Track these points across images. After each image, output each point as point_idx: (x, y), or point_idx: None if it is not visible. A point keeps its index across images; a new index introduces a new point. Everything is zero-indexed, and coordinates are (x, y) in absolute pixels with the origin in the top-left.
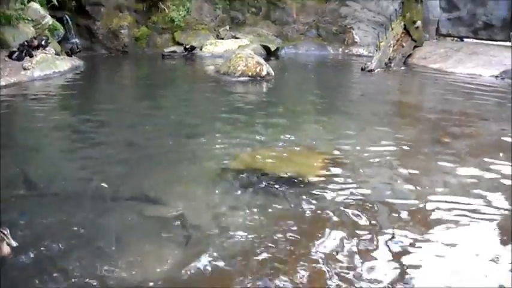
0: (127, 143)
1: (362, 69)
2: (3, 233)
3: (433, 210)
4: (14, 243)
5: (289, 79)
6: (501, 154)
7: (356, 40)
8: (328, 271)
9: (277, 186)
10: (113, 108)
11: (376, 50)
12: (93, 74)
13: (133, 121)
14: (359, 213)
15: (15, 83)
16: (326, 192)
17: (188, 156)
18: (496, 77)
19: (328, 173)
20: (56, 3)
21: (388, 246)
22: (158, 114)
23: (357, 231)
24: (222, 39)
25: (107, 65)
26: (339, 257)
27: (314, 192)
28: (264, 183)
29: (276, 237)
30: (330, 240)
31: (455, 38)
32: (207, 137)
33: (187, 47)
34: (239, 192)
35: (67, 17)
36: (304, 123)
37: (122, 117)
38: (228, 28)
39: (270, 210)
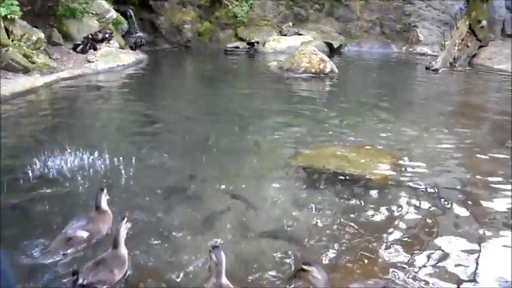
0: (189, 135)
1: (426, 68)
2: None
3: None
4: None
5: (352, 77)
6: None
7: (420, 38)
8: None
9: (342, 183)
10: (175, 101)
11: (441, 49)
12: (157, 68)
13: (196, 113)
14: (423, 212)
15: (79, 75)
16: (390, 191)
17: (254, 150)
18: None
19: (392, 172)
20: None
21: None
22: (220, 107)
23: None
24: (285, 35)
25: (170, 59)
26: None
27: (378, 190)
28: (329, 180)
29: (345, 233)
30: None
31: None
32: (271, 131)
33: (252, 42)
34: (305, 188)
35: (131, 12)
36: (368, 121)
37: (183, 109)
38: (291, 24)
39: (336, 207)
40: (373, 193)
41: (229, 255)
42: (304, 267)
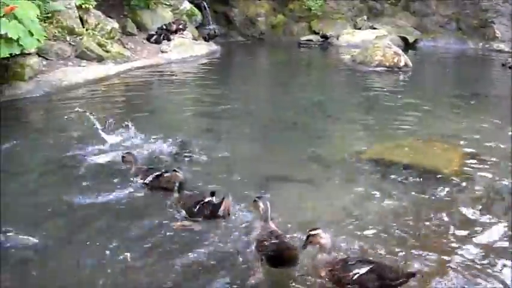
0: (262, 122)
1: (502, 65)
2: None
3: None
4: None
5: (427, 72)
6: None
7: (497, 35)
8: None
9: (413, 178)
10: (248, 92)
11: None
12: (230, 59)
13: (268, 102)
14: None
15: (152, 64)
16: (462, 185)
17: (325, 140)
18: None
19: (465, 168)
20: None
21: None
22: (293, 97)
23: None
24: (359, 29)
25: (243, 51)
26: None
27: (451, 185)
28: (400, 174)
29: (415, 227)
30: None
31: None
32: (342, 123)
33: (325, 35)
34: (375, 180)
35: (205, 4)
36: (441, 117)
37: (256, 99)
38: (365, 18)
39: (406, 200)
40: (445, 187)
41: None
42: (312, 232)
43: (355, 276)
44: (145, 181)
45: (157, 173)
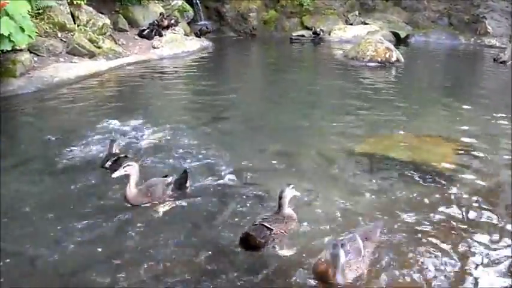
0: (250, 118)
1: (494, 60)
2: None
3: None
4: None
5: (418, 67)
6: None
7: (489, 30)
8: None
9: (406, 172)
10: (239, 86)
11: (509, 41)
12: (221, 55)
13: (259, 99)
14: (488, 201)
15: (144, 60)
16: (455, 179)
17: (317, 135)
18: None
19: (458, 161)
20: None
21: None
22: (285, 93)
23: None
24: (351, 24)
25: (235, 47)
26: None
27: (444, 179)
28: (393, 168)
29: (406, 222)
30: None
31: None
32: (335, 118)
33: (317, 30)
34: (367, 175)
35: None
36: (433, 111)
37: (248, 94)
38: (357, 13)
39: (400, 194)
40: (439, 181)
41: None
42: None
43: None
44: (105, 165)
45: (114, 158)
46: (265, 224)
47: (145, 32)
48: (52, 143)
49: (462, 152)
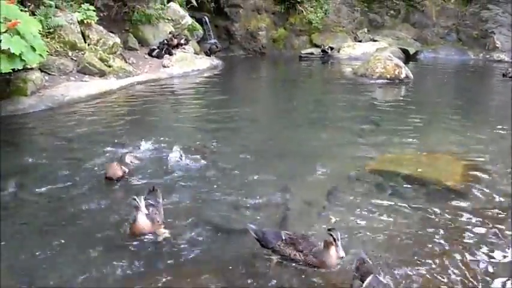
0: (262, 135)
1: (503, 76)
2: None
3: None
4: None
5: (428, 83)
6: None
7: (497, 45)
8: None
9: (416, 190)
10: (249, 103)
11: None
12: (231, 73)
13: (269, 115)
14: (499, 219)
15: (154, 79)
16: (466, 197)
17: (326, 153)
18: None
19: (468, 178)
20: (196, 4)
21: None
22: (294, 111)
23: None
24: (360, 41)
25: (245, 65)
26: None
27: (454, 197)
28: (403, 186)
29: (419, 239)
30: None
31: None
32: (344, 135)
33: (325, 48)
34: (377, 192)
35: (206, 18)
36: (443, 127)
37: (258, 112)
38: (366, 30)
39: (409, 212)
40: (448, 198)
41: None
42: None
43: None
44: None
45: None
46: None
47: (156, 51)
48: (63, 160)
49: (473, 168)
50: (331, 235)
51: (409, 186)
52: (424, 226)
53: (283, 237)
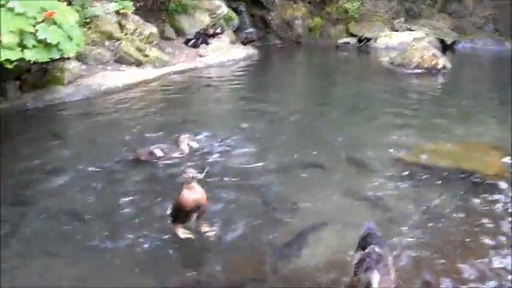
0: (298, 123)
1: None
2: None
3: None
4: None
5: (465, 73)
6: None
7: None
8: None
9: (453, 181)
10: (286, 92)
11: None
12: (267, 63)
13: (305, 104)
14: None
15: (191, 68)
16: (505, 190)
17: (361, 142)
18: None
19: (505, 170)
20: None
21: None
22: (331, 100)
23: None
24: (397, 31)
25: (281, 55)
26: None
27: (492, 189)
28: (440, 177)
29: (458, 232)
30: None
31: None
32: (380, 124)
33: (361, 38)
34: (415, 183)
35: (242, 8)
36: (480, 118)
37: (294, 101)
38: (402, 20)
39: (447, 204)
40: (486, 190)
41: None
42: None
43: None
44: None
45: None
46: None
47: (192, 40)
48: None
49: (510, 160)
50: None
51: (446, 177)
52: (461, 218)
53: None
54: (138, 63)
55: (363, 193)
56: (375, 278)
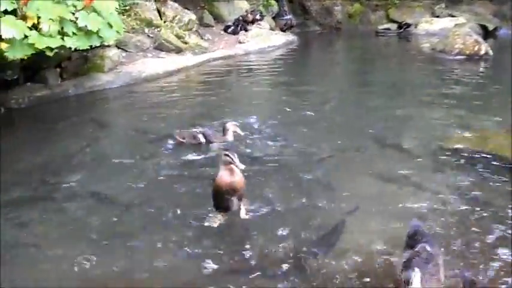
0: (339, 110)
1: None
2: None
3: None
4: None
5: (508, 60)
6: None
7: None
8: None
9: (498, 169)
10: (326, 79)
11: None
12: (307, 49)
13: (347, 91)
14: None
15: (230, 55)
16: None
17: (404, 128)
18: None
19: None
20: None
21: None
22: (372, 85)
23: None
24: (438, 17)
25: (320, 41)
26: None
27: None
28: (485, 165)
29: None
30: None
31: None
32: (423, 111)
33: (402, 24)
34: (460, 170)
35: None
36: None
37: (335, 87)
38: (443, 6)
39: (491, 191)
40: None
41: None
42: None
43: None
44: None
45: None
46: None
47: (231, 27)
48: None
49: None
50: None
51: (490, 164)
52: (504, 207)
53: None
54: (178, 50)
55: (404, 180)
56: (416, 276)
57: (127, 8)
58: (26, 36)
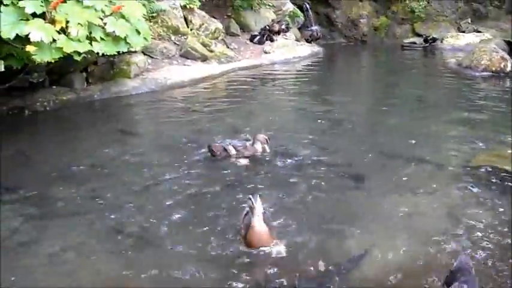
0: (362, 123)
1: None
2: None
3: None
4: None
5: None
6: None
7: None
8: None
9: None
10: (351, 91)
11: None
12: (332, 61)
13: (372, 106)
14: None
15: (256, 65)
16: None
17: (428, 144)
18: None
19: None
20: None
21: None
22: (396, 100)
23: None
24: (463, 32)
25: (346, 53)
26: None
27: None
28: (508, 181)
29: None
30: None
31: None
32: (448, 127)
33: (428, 38)
34: (484, 188)
35: (307, 5)
36: None
37: (359, 100)
38: (469, 21)
39: None
40: None
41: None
42: None
43: None
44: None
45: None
46: None
47: (257, 37)
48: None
49: None
50: None
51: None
52: None
53: None
54: (204, 58)
55: (432, 197)
56: None
57: (154, 15)
58: (54, 40)
